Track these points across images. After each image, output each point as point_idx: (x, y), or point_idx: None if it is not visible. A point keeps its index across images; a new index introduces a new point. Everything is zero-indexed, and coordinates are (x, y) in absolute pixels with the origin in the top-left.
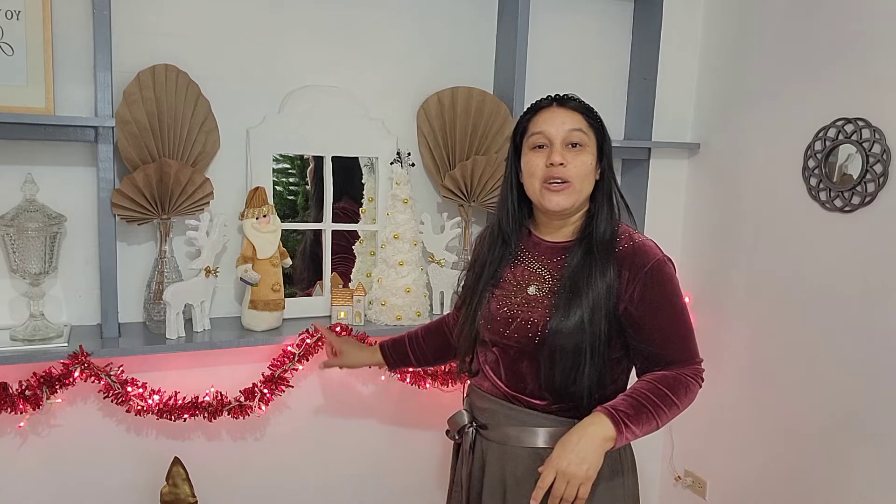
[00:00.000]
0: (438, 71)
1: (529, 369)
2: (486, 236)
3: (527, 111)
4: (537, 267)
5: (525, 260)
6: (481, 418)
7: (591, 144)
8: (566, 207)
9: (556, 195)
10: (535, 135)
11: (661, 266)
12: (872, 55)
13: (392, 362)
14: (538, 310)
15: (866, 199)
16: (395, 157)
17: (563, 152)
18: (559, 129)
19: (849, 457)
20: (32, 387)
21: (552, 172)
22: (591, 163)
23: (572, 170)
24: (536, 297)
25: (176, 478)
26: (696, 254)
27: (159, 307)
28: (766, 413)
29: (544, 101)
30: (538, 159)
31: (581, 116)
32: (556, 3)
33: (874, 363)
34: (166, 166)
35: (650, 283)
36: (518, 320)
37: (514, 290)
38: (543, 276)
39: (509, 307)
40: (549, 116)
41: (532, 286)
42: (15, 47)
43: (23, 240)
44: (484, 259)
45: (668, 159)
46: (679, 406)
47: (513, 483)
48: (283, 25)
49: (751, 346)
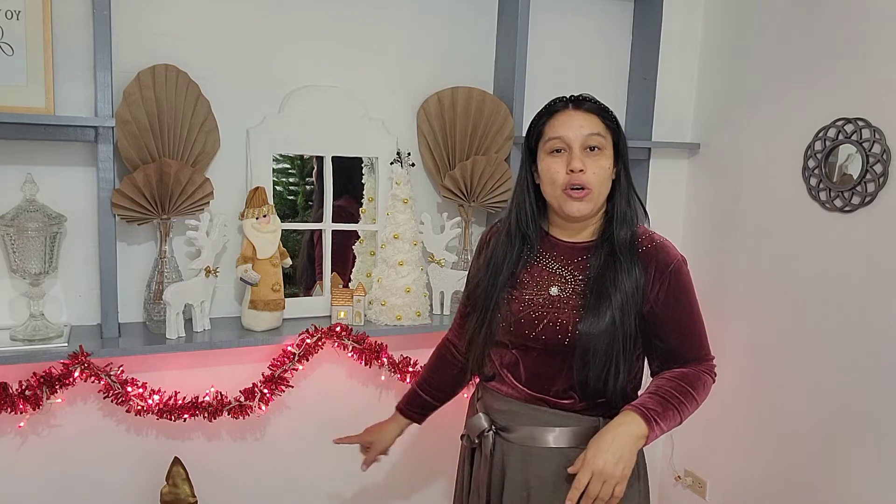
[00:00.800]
0: (438, 71)
1: (556, 370)
2: (498, 237)
3: (541, 113)
4: (557, 267)
5: (542, 260)
6: (501, 421)
7: (608, 147)
8: (587, 214)
9: (578, 202)
10: (553, 140)
11: (683, 265)
12: (872, 55)
13: (418, 417)
14: (565, 311)
15: (866, 199)
16: (395, 157)
17: (583, 157)
18: (577, 134)
19: (849, 457)
20: (32, 387)
21: (573, 179)
22: (609, 166)
23: (592, 176)
24: (560, 297)
25: (176, 478)
26: (696, 254)
27: (159, 307)
28: (766, 413)
29: (559, 102)
30: (557, 165)
31: (598, 119)
32: (556, 3)
33: (874, 363)
34: (166, 166)
35: (674, 283)
36: (545, 321)
37: (534, 291)
38: (565, 277)
39: (533, 308)
40: (567, 120)
41: (554, 287)
42: (15, 47)
43: (23, 240)
44: (498, 260)
45: (668, 159)
46: (698, 402)
47: (537, 484)
48: (283, 25)
49: (751, 345)
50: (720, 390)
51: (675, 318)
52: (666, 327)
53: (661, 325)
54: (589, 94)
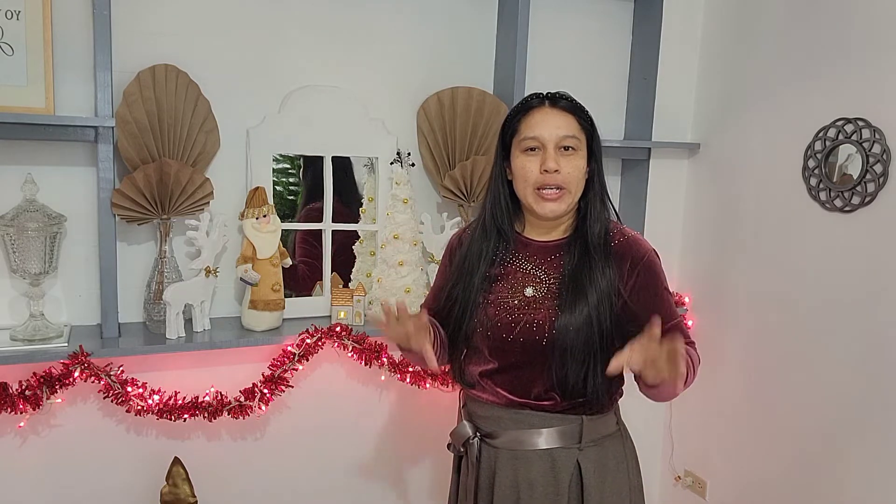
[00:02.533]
0: (438, 71)
1: (536, 372)
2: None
3: (516, 109)
4: (530, 268)
5: (516, 261)
6: (486, 427)
7: (582, 147)
8: (560, 214)
9: (551, 203)
10: (528, 139)
11: (654, 256)
12: (872, 55)
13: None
14: (541, 311)
15: (866, 199)
16: (395, 157)
17: (557, 157)
18: (552, 134)
19: (848, 456)
20: (32, 387)
21: (547, 180)
22: (583, 166)
23: (566, 175)
24: (535, 297)
25: (176, 478)
26: (696, 254)
27: (159, 307)
28: (766, 413)
29: (535, 99)
30: (531, 164)
31: (573, 119)
32: (556, 3)
33: (874, 363)
34: (166, 166)
35: (647, 273)
36: (522, 323)
37: (508, 293)
38: (539, 277)
39: (509, 311)
40: (542, 119)
41: (529, 287)
42: (15, 47)
43: (23, 240)
44: (473, 259)
45: (668, 159)
46: (695, 374)
47: (526, 486)
48: (283, 25)
49: (750, 345)
50: (720, 390)
51: (652, 305)
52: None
53: (638, 314)
54: (565, 92)
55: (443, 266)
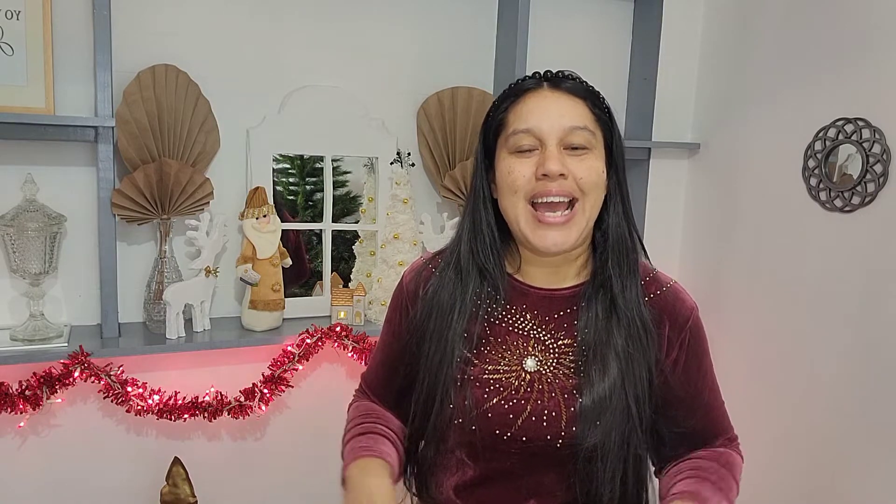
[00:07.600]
0: (438, 71)
1: (544, 485)
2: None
3: (504, 96)
4: (530, 327)
5: (507, 317)
6: None
7: (598, 146)
8: (567, 248)
9: (555, 231)
10: (519, 133)
11: (699, 317)
12: (872, 55)
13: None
14: (553, 396)
15: (866, 199)
16: (395, 157)
17: (562, 157)
18: (555, 125)
19: (849, 457)
20: (32, 387)
21: (545, 189)
22: (600, 170)
23: (578, 183)
24: (542, 374)
25: (176, 478)
26: (696, 254)
27: (159, 307)
28: (766, 414)
29: (529, 79)
30: (521, 166)
31: (584, 105)
32: (556, 3)
33: (874, 363)
34: (166, 166)
35: (694, 343)
36: (525, 414)
37: (501, 364)
38: (544, 342)
39: (504, 395)
40: (539, 104)
41: (529, 358)
42: (15, 47)
43: (23, 240)
44: (444, 312)
45: (668, 159)
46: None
47: None
48: (283, 25)
49: (750, 346)
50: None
51: (697, 387)
52: (687, 400)
53: (679, 401)
54: (572, 71)
55: (392, 323)
